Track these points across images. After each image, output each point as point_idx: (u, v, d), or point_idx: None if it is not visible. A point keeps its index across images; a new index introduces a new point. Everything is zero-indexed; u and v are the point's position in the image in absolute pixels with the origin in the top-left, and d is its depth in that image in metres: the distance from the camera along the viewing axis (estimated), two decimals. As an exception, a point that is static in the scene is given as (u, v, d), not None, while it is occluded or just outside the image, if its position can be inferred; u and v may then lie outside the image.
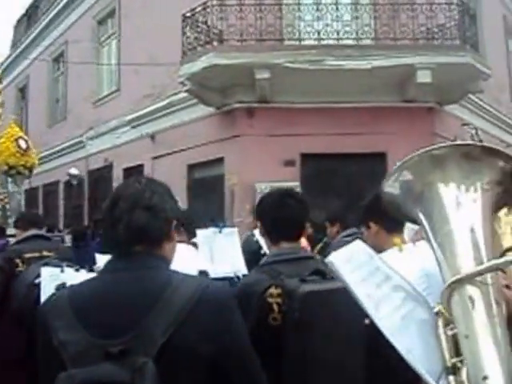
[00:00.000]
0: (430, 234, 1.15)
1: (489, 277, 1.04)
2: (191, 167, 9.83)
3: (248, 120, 8.62)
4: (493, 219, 1.16)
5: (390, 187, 1.21)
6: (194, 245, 2.94)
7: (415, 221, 1.21)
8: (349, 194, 8.14)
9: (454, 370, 0.96)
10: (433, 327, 1.05)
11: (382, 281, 1.15)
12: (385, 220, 2.09)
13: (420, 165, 1.13)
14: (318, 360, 1.65)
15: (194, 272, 1.96)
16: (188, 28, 8.30)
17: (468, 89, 8.93)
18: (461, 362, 0.97)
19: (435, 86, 8.36)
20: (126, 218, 1.21)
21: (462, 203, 1.11)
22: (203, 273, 2.19)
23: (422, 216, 1.16)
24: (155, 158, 10.63)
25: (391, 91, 8.56)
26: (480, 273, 1.02)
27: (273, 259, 1.95)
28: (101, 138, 12.75)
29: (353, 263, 1.16)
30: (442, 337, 1.01)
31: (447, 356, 0.98)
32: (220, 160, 9.10)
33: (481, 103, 10.85)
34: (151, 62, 9.78)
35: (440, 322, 1.03)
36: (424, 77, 8.05)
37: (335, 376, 1.66)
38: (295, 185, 8.65)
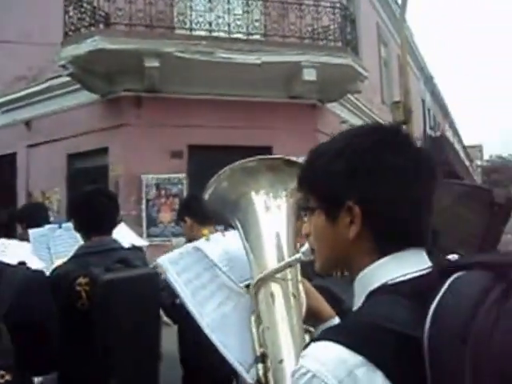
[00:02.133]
0: (244, 238, 1.29)
1: (288, 273, 1.19)
2: (72, 157, 9.23)
3: (135, 109, 8.32)
4: (296, 222, 1.29)
5: (210, 197, 1.35)
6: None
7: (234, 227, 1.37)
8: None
9: (263, 359, 1.12)
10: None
11: (209, 281, 1.30)
12: (197, 215, 2.76)
13: (234, 176, 1.31)
14: (120, 332, 2.04)
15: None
16: (71, 7, 7.75)
17: (347, 88, 9.51)
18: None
19: (319, 84, 8.79)
20: None
21: (269, 209, 1.27)
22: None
23: (238, 223, 1.31)
24: (31, 146, 9.80)
25: (278, 87, 8.83)
26: (277, 271, 1.17)
27: (83, 251, 2.22)
28: (-35, 122, 11.41)
29: (180, 265, 1.31)
30: (254, 330, 1.18)
31: (257, 347, 1.15)
32: (104, 150, 8.67)
33: (357, 103, 11.65)
34: (26, 41, 8.96)
35: (253, 318, 1.20)
36: (309, 75, 8.43)
37: (134, 343, 2.09)
38: (182, 176, 8.60)
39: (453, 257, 3.19)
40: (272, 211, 1.27)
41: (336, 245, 0.86)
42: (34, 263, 2.40)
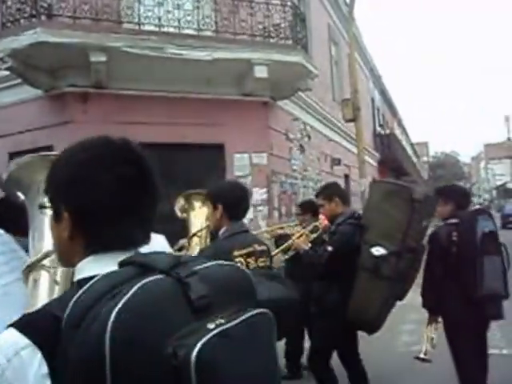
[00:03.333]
0: (30, 221, 1.43)
1: (48, 262, 1.33)
2: (14, 155, 8.76)
3: (81, 105, 8.00)
4: None
5: (9, 178, 1.55)
6: None
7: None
8: (188, 184, 8.08)
9: None
10: None
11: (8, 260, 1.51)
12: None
13: (31, 164, 1.54)
14: None
15: None
16: (9, -3, 7.34)
17: (298, 86, 9.54)
18: None
19: (271, 81, 8.76)
20: None
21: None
22: None
23: (28, 207, 1.45)
24: (-32, 143, 9.24)
25: (230, 84, 8.74)
26: (39, 260, 1.33)
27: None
28: None
29: None
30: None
31: None
32: (48, 148, 8.25)
33: (309, 101, 11.73)
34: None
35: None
36: (261, 72, 8.38)
37: None
38: (133, 175, 8.35)
39: (376, 249, 3.19)
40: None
41: (60, 242, 1.00)
42: None
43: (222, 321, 0.78)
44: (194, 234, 3.02)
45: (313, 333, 4.57)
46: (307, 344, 4.68)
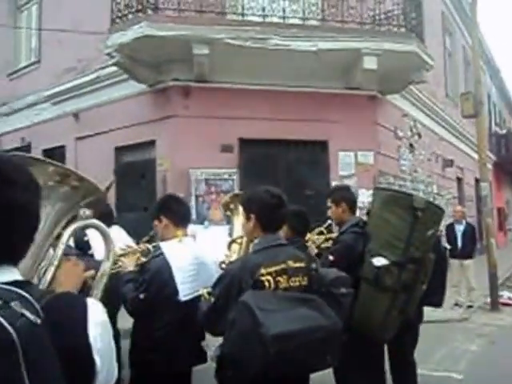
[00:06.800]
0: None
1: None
2: (119, 150, 8.95)
3: (183, 100, 7.91)
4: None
5: None
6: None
7: None
8: (288, 182, 7.72)
9: None
10: None
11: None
12: (175, 216, 2.86)
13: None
14: None
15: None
16: (119, -7, 7.43)
17: (411, 78, 8.73)
18: None
19: (379, 73, 8.08)
20: None
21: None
22: None
23: None
24: (79, 138, 9.61)
25: (335, 76, 8.18)
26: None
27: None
28: (17, 114, 11.41)
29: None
30: None
31: None
32: (151, 143, 8.33)
33: (420, 95, 10.80)
34: (76, 29, 8.73)
35: None
36: (370, 63, 7.76)
37: None
38: (232, 171, 8.14)
39: (377, 259, 3.14)
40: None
41: None
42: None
43: None
44: (234, 241, 2.84)
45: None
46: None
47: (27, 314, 0.86)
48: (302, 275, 2.13)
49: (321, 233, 3.69)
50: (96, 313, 1.06)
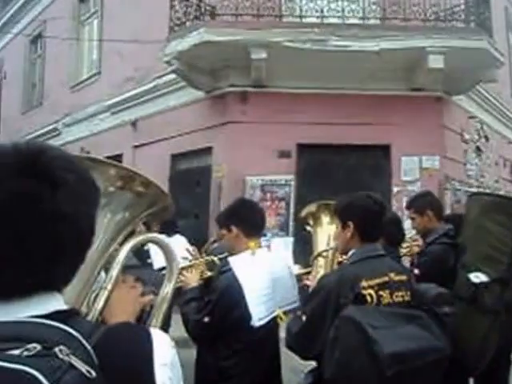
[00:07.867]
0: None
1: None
2: (175, 157, 8.98)
3: (241, 106, 7.81)
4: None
5: None
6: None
7: None
8: (349, 189, 7.37)
9: None
10: None
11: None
12: (245, 225, 2.40)
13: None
14: None
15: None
16: (177, 1, 7.44)
17: (480, 77, 8.24)
18: None
19: (446, 73, 7.66)
20: None
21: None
22: None
23: None
24: (136, 146, 9.74)
25: (398, 77, 7.83)
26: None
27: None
28: (78, 125, 11.77)
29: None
30: None
31: None
32: (208, 150, 8.28)
33: (486, 95, 10.21)
34: (135, 40, 8.86)
35: None
36: (436, 62, 7.35)
37: None
38: (290, 178, 7.94)
39: (476, 275, 2.71)
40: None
41: None
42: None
43: None
44: (319, 254, 2.55)
45: None
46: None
47: (78, 364, 0.62)
48: (404, 290, 1.88)
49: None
50: (163, 349, 0.79)
